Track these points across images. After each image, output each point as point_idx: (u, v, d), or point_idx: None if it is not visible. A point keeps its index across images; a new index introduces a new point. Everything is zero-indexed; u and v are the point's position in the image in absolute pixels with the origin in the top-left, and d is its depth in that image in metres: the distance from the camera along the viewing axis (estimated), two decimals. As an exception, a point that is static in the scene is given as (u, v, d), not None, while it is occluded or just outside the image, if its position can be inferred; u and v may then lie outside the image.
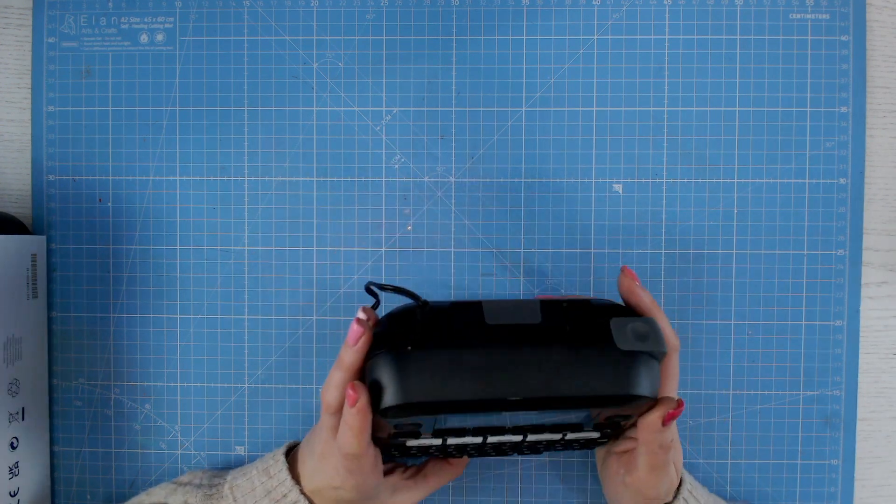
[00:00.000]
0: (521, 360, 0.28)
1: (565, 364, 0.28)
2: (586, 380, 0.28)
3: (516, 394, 0.27)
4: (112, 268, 0.44)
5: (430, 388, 0.27)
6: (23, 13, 0.44)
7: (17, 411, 0.40)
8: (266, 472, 0.36)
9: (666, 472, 0.33)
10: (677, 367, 0.33)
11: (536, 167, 0.43)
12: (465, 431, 0.31)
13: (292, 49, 0.43)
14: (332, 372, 0.31)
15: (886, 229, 0.43)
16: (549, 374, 0.28)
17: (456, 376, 0.28)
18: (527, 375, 0.28)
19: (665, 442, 0.31)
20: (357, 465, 0.32)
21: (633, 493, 0.34)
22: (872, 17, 0.43)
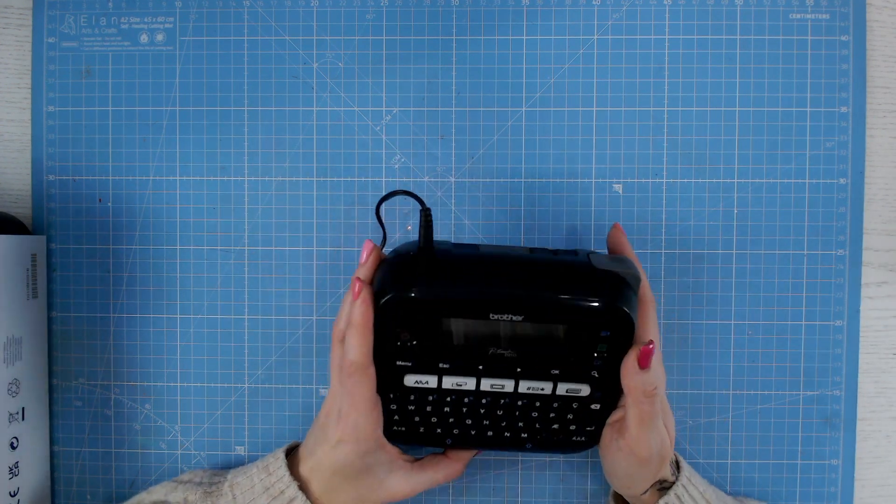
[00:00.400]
0: (510, 269, 0.32)
1: (549, 274, 0.32)
2: (568, 287, 0.32)
3: (504, 294, 0.31)
4: (112, 268, 0.44)
5: (429, 286, 0.32)
6: (23, 13, 0.44)
7: (17, 411, 0.40)
8: (266, 469, 0.36)
9: (654, 426, 0.33)
10: (654, 319, 0.34)
11: (536, 167, 0.43)
12: (460, 356, 0.34)
13: (292, 49, 0.43)
14: (344, 300, 0.35)
15: (886, 229, 0.43)
16: (535, 280, 0.32)
17: (452, 279, 0.32)
18: (515, 279, 0.32)
19: (647, 388, 0.32)
20: (359, 392, 0.33)
21: (627, 456, 0.34)
22: (872, 17, 0.43)
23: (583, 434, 0.37)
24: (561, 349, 0.34)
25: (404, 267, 0.32)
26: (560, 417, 0.36)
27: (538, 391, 0.35)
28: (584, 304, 0.31)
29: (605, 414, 0.36)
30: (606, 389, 0.35)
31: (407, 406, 0.36)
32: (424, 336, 0.33)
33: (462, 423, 0.37)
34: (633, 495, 0.36)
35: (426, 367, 0.34)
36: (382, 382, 0.35)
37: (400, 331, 0.33)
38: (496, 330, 0.33)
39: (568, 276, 0.32)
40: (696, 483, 0.37)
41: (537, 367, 0.34)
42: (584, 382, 0.34)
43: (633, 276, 0.33)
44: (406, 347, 0.34)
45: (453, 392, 0.35)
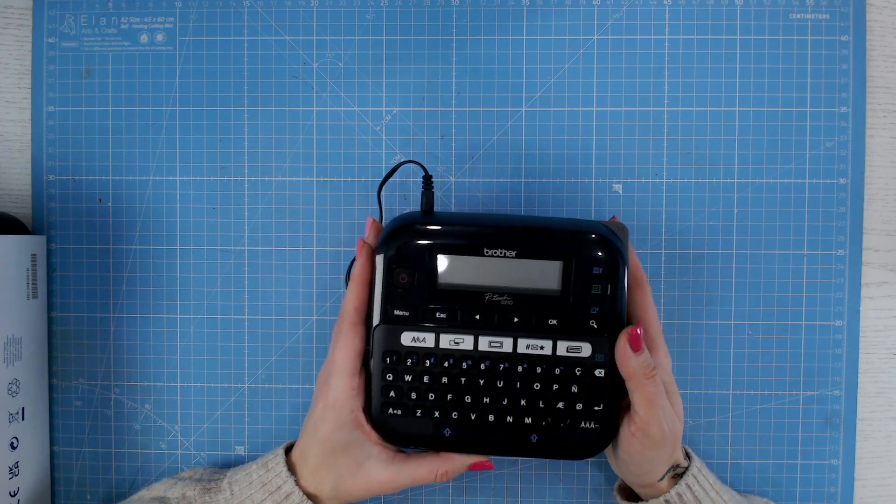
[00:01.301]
0: (504, 217, 0.36)
1: (542, 220, 0.36)
2: (559, 225, 0.35)
3: (497, 229, 0.34)
4: (112, 268, 0.44)
5: (427, 224, 0.35)
6: (23, 13, 0.44)
7: (17, 411, 0.40)
8: (265, 465, 0.36)
9: (661, 405, 0.33)
10: (651, 302, 0.36)
11: (536, 167, 0.43)
12: (456, 300, 0.35)
13: (292, 49, 0.43)
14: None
15: (886, 229, 0.43)
16: (528, 221, 0.35)
17: (450, 222, 0.35)
18: (508, 221, 0.35)
19: (646, 369, 0.33)
20: (344, 353, 0.35)
21: (641, 440, 0.34)
22: (872, 17, 0.43)
23: (592, 418, 0.34)
24: (555, 295, 0.34)
25: (406, 217, 0.36)
26: (565, 391, 0.34)
27: (538, 351, 0.34)
28: (575, 236, 0.34)
29: (615, 393, 0.34)
30: (609, 351, 0.34)
31: (404, 376, 0.35)
32: (422, 276, 0.34)
33: (461, 401, 0.35)
34: (649, 483, 0.36)
35: (423, 316, 0.35)
36: (381, 347, 0.35)
37: (400, 273, 0.34)
38: (491, 272, 0.34)
39: (558, 221, 0.36)
40: (705, 473, 0.37)
41: (534, 316, 0.34)
42: (584, 338, 0.34)
43: (619, 227, 0.35)
44: (405, 292, 0.34)
45: (451, 354, 0.35)
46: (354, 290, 0.36)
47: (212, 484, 0.37)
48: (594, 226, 0.35)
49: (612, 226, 0.35)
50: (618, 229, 0.35)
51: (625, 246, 0.35)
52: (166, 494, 0.37)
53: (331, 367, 0.35)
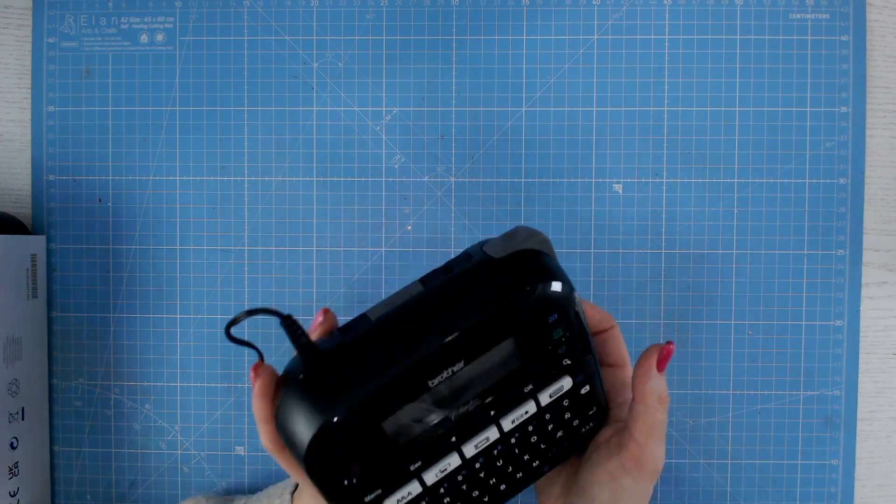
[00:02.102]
0: (414, 324, 0.26)
1: (456, 299, 0.26)
2: (482, 298, 0.26)
3: (426, 354, 0.25)
4: (112, 268, 0.44)
5: (344, 398, 0.25)
6: (23, 13, 0.44)
7: (17, 411, 0.40)
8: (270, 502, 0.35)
9: (662, 437, 0.29)
10: (621, 339, 0.32)
11: (536, 167, 0.43)
12: (425, 446, 0.27)
13: (292, 49, 0.43)
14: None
15: (886, 229, 0.43)
16: (447, 315, 0.26)
17: (362, 374, 0.25)
18: (427, 330, 0.26)
19: (663, 392, 0.29)
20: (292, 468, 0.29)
21: (632, 471, 0.29)
22: (872, 17, 0.43)
23: (588, 421, 0.31)
24: (520, 365, 0.28)
25: (306, 397, 0.25)
26: (560, 424, 0.31)
27: (524, 416, 0.29)
28: (509, 292, 0.26)
29: (598, 391, 0.31)
30: (583, 365, 0.30)
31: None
32: (371, 457, 0.26)
33: (473, 499, 0.30)
34: None
35: (395, 482, 0.27)
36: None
37: (348, 465, 0.26)
38: (445, 395, 0.27)
39: (475, 287, 0.26)
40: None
41: (506, 396, 0.28)
42: (562, 376, 0.29)
43: (538, 240, 0.28)
44: (362, 479, 0.26)
45: (442, 482, 0.28)
46: (261, 428, 0.28)
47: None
48: (515, 263, 0.27)
49: (529, 240, 0.28)
50: (536, 242, 0.28)
51: (559, 268, 0.28)
52: None
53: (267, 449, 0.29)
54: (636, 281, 0.43)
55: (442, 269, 0.28)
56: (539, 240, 0.28)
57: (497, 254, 0.27)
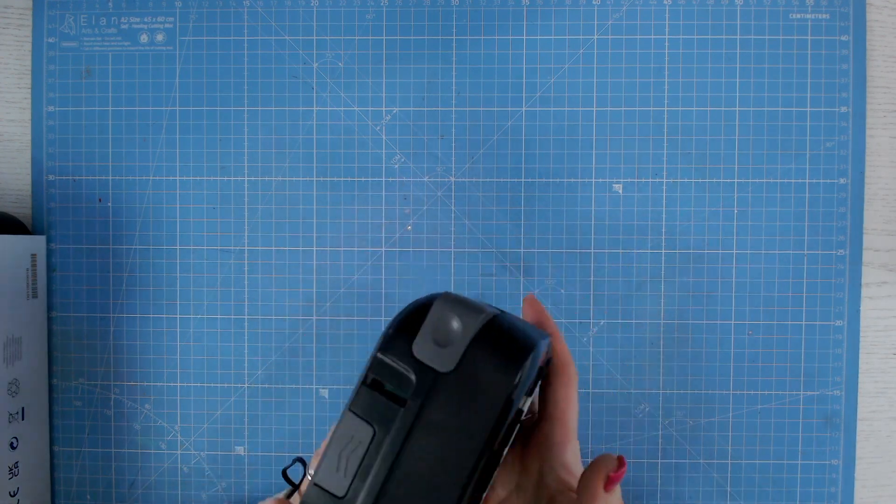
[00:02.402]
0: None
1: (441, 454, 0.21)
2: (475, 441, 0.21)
3: None
4: (112, 268, 0.44)
5: None
6: (23, 13, 0.44)
7: (17, 411, 0.40)
8: None
9: None
10: (576, 393, 0.27)
11: (536, 167, 0.43)
12: None
13: (292, 49, 0.43)
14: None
15: (886, 229, 0.43)
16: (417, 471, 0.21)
17: None
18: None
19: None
20: None
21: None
22: (872, 17, 0.43)
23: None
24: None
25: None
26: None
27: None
28: (504, 418, 0.21)
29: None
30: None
31: None
32: None
33: None
34: None
35: None
36: None
37: None
38: None
39: (456, 433, 0.21)
40: None
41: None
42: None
43: (470, 314, 0.22)
44: None
45: None
46: None
47: None
48: (476, 368, 0.22)
49: (457, 320, 0.22)
50: (458, 312, 0.22)
51: (469, 303, 0.23)
52: None
53: None
54: (636, 281, 0.43)
55: (382, 399, 0.22)
56: (471, 312, 0.22)
57: (444, 366, 0.22)
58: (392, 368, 0.22)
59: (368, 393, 0.22)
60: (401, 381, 0.22)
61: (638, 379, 0.43)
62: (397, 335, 0.22)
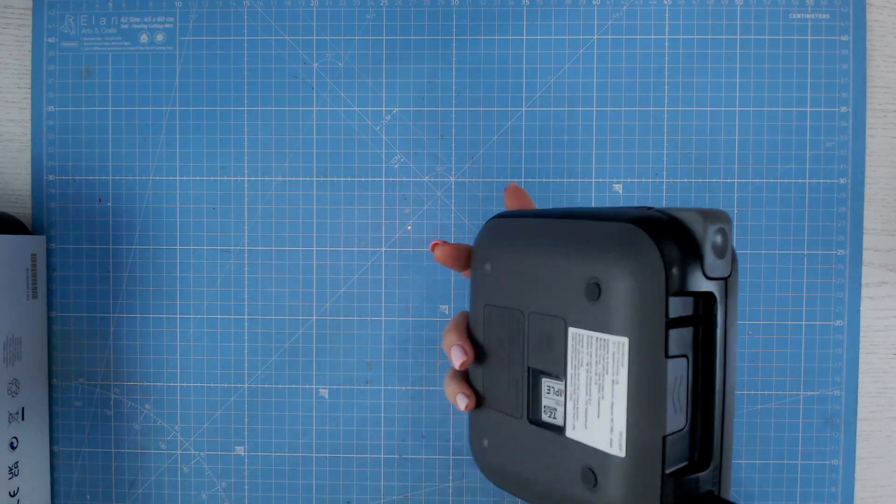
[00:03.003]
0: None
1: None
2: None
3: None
4: (112, 268, 0.44)
5: None
6: (23, 13, 0.44)
7: (17, 411, 0.40)
8: None
9: None
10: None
11: (536, 167, 0.43)
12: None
13: (292, 49, 0.43)
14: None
15: (886, 229, 0.43)
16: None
17: None
18: None
19: None
20: None
21: None
22: (872, 17, 0.43)
23: None
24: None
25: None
26: None
27: None
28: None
29: None
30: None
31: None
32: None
33: None
34: None
35: None
36: None
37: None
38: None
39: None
40: None
41: None
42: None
43: (715, 220, 0.25)
44: None
45: None
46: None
47: None
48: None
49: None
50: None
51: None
52: None
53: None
54: (636, 281, 0.43)
55: (686, 329, 0.25)
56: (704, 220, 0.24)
57: (727, 272, 0.26)
58: (688, 296, 0.24)
59: (676, 332, 0.24)
60: (701, 304, 0.25)
61: (638, 379, 0.43)
62: (685, 267, 0.24)
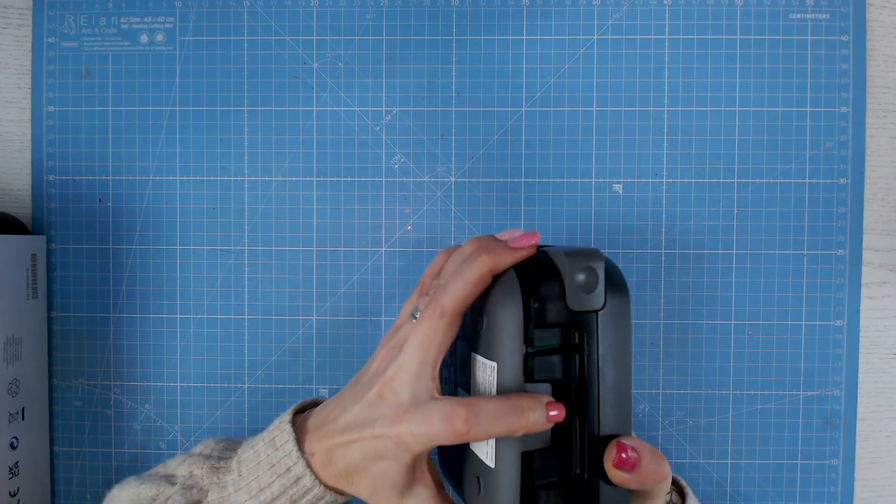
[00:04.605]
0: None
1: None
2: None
3: None
4: (112, 268, 0.44)
5: None
6: (23, 13, 0.44)
7: (17, 411, 0.40)
8: (272, 443, 0.32)
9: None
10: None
11: (536, 167, 0.43)
12: None
13: (292, 49, 0.43)
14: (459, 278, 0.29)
15: (886, 229, 0.43)
16: None
17: None
18: None
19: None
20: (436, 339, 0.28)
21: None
22: (872, 17, 0.43)
23: None
24: None
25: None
26: None
27: None
28: None
29: None
30: None
31: None
32: None
33: None
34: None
35: None
36: None
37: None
38: None
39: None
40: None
41: None
42: None
43: (586, 260, 0.27)
44: None
45: None
46: (464, 285, 0.28)
47: (221, 463, 0.34)
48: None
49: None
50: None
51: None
52: (175, 472, 0.35)
53: (449, 304, 0.28)
54: (636, 281, 0.43)
55: (554, 358, 0.28)
56: (575, 261, 0.27)
57: (597, 306, 0.28)
58: (552, 329, 0.27)
59: (541, 359, 0.27)
60: (567, 334, 0.27)
61: (638, 379, 0.43)
62: (545, 302, 0.27)
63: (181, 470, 0.35)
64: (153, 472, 0.35)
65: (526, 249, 0.28)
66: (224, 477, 0.33)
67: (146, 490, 0.34)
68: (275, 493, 0.31)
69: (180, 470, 0.35)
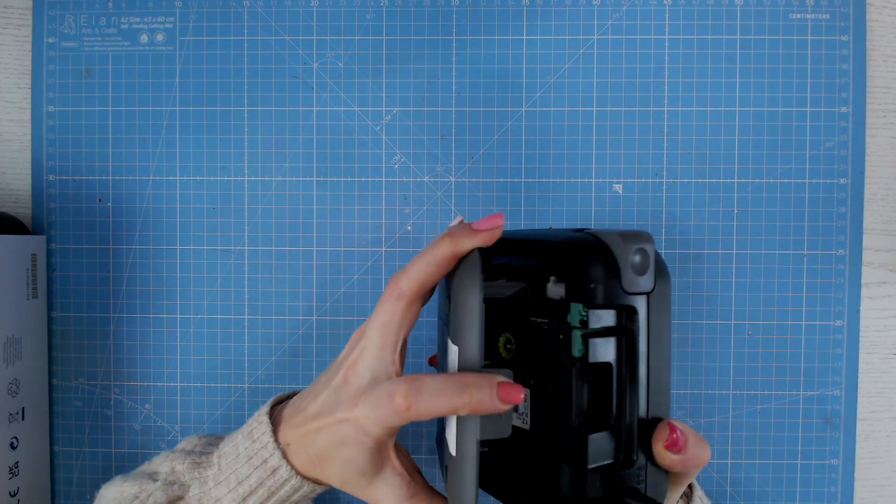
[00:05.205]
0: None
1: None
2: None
3: None
4: (112, 268, 0.44)
5: None
6: (23, 13, 0.44)
7: (17, 411, 0.40)
8: (250, 435, 0.32)
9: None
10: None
11: (536, 167, 0.43)
12: None
13: (292, 49, 0.43)
14: (422, 258, 0.29)
15: (886, 229, 0.43)
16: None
17: None
18: None
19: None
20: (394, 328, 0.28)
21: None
22: (872, 17, 0.43)
23: None
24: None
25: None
26: None
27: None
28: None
29: None
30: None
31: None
32: None
33: None
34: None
35: None
36: None
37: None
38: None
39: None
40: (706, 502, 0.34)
41: None
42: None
43: (636, 242, 0.27)
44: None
45: None
46: (424, 265, 0.28)
47: (202, 458, 0.34)
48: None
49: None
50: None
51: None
52: (158, 469, 0.35)
53: (407, 285, 0.29)
54: (636, 281, 0.43)
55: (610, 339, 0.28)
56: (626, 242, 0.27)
57: (648, 287, 0.28)
58: (605, 310, 0.27)
59: (596, 341, 0.27)
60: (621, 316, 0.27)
61: (638, 379, 0.43)
62: (602, 283, 0.27)
63: (164, 466, 0.35)
64: (138, 470, 0.36)
65: (487, 232, 0.28)
66: (205, 472, 0.33)
67: (129, 488, 0.34)
68: (252, 486, 0.31)
69: (163, 466, 0.35)
